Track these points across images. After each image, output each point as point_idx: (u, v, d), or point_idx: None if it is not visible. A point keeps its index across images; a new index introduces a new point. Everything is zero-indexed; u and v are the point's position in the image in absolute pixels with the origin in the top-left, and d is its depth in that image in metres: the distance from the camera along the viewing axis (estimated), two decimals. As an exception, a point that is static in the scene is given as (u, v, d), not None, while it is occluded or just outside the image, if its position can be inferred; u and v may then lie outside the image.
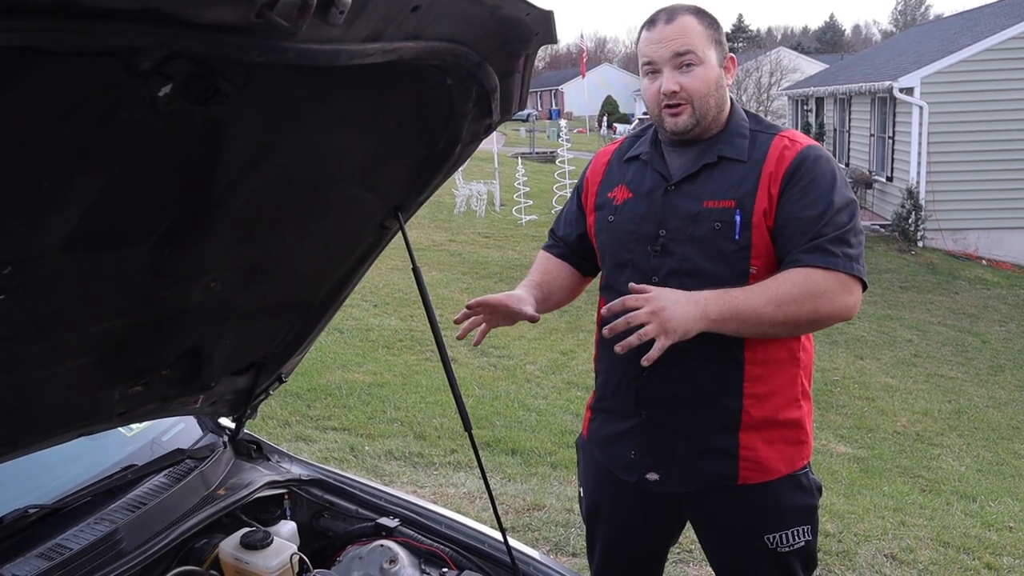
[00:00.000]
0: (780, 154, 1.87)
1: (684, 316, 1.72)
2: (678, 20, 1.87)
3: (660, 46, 1.88)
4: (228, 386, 1.98)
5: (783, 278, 1.80)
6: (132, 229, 1.29)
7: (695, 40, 1.86)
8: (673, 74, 1.87)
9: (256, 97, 1.13)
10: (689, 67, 1.86)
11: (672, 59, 1.86)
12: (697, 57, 1.86)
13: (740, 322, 1.77)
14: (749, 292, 1.78)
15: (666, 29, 1.87)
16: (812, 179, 1.84)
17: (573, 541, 3.70)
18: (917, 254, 13.85)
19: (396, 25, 1.08)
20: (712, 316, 1.75)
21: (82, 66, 0.90)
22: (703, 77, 1.87)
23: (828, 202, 1.82)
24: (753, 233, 1.84)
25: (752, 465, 1.94)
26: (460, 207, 15.30)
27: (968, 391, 7.97)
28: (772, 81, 28.30)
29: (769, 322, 1.78)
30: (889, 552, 3.88)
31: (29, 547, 1.72)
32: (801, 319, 1.80)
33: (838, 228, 1.80)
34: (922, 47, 17.57)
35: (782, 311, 1.77)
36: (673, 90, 1.87)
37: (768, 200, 1.84)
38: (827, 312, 1.81)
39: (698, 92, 1.87)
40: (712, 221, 1.86)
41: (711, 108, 1.90)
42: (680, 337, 1.72)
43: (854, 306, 1.84)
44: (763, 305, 1.76)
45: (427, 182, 1.64)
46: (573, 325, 8.31)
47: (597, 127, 41.47)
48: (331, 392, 5.84)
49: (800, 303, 1.77)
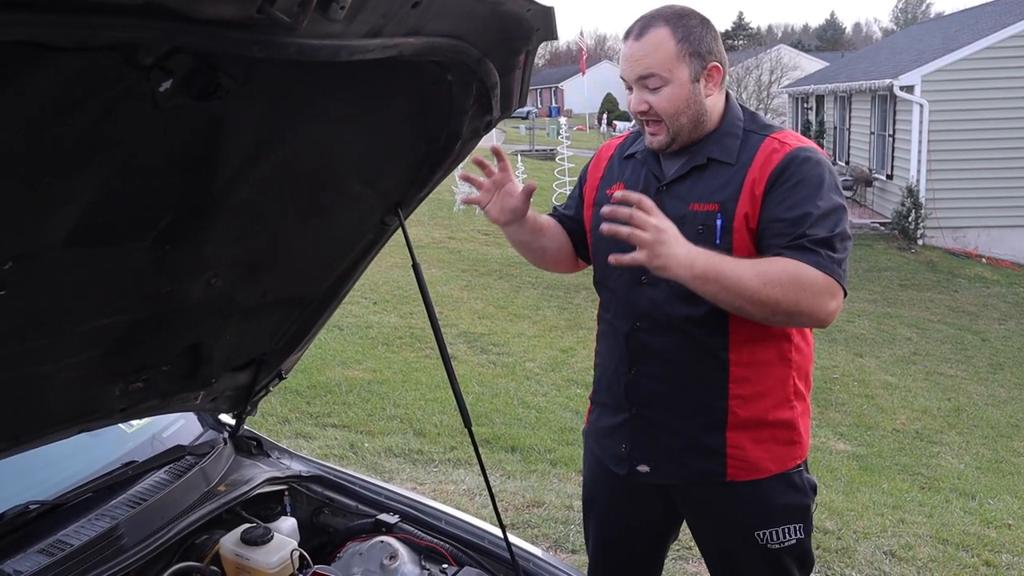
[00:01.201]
0: (767, 157, 1.84)
1: (675, 254, 1.69)
2: (647, 36, 1.83)
3: (627, 65, 1.87)
4: (228, 382, 1.99)
5: (777, 261, 1.76)
6: (133, 225, 1.29)
7: (661, 59, 1.82)
8: (640, 93, 1.86)
9: (257, 92, 1.14)
10: (655, 89, 1.84)
11: (638, 80, 1.85)
12: (661, 79, 1.83)
13: (721, 287, 1.73)
14: (739, 262, 1.76)
15: (634, 46, 1.85)
16: (798, 182, 1.80)
17: (573, 538, 3.71)
18: (917, 252, 13.85)
19: (397, 21, 1.08)
20: (697, 269, 1.71)
21: (84, 61, 0.90)
22: (670, 96, 1.84)
23: (813, 206, 1.78)
24: (734, 237, 1.83)
25: (740, 463, 1.94)
26: (459, 205, 15.29)
27: (967, 389, 7.97)
28: (772, 79, 28.33)
29: (749, 297, 1.73)
30: (888, 549, 3.88)
31: (30, 543, 1.72)
32: (780, 306, 1.75)
33: (823, 230, 1.77)
34: (923, 45, 17.57)
35: (765, 290, 1.72)
36: (640, 109, 1.87)
37: (751, 202, 1.82)
38: (807, 307, 1.76)
39: (666, 111, 1.85)
40: (696, 224, 1.85)
41: (684, 125, 1.87)
42: (657, 269, 1.71)
43: (834, 313, 1.79)
44: (750, 278, 1.72)
45: (427, 178, 1.64)
46: (573, 323, 8.32)
47: (597, 125, 41.45)
48: (331, 389, 5.84)
49: (786, 289, 1.73)
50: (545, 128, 36.97)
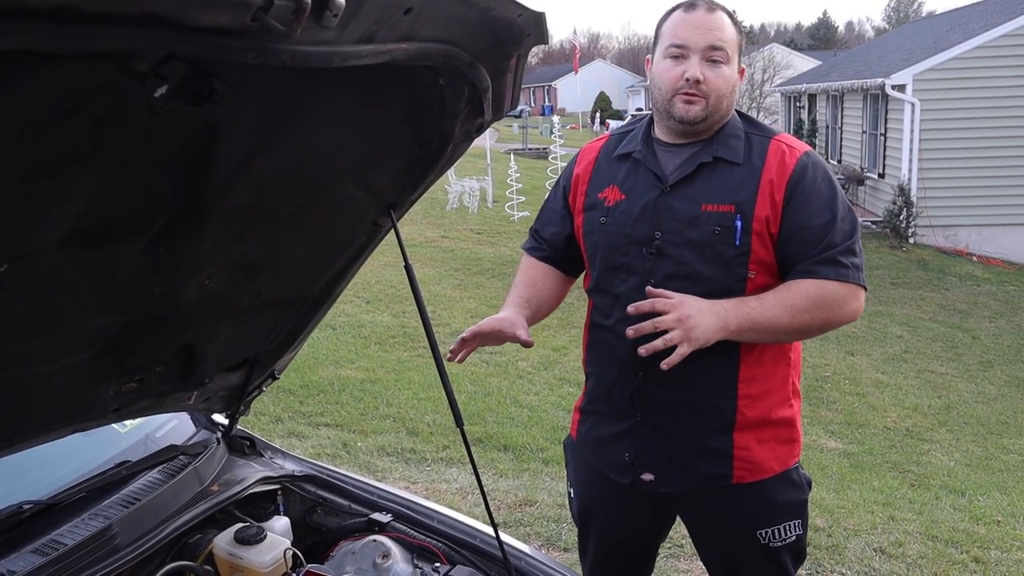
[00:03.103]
0: (781, 160, 1.86)
1: (707, 326, 1.77)
2: (719, 13, 1.87)
3: (698, 32, 1.85)
4: (222, 382, 1.99)
5: (797, 288, 1.83)
6: (128, 227, 1.30)
7: (728, 37, 1.86)
8: (702, 64, 1.85)
9: (251, 98, 1.15)
10: (717, 63, 1.85)
11: (706, 49, 1.84)
12: (727, 55, 1.86)
13: (757, 332, 1.83)
14: (764, 302, 1.81)
15: (707, 17, 1.85)
16: (815, 188, 1.86)
17: (565, 536, 3.72)
18: (908, 250, 13.91)
19: (389, 27, 1.09)
20: (732, 327, 1.80)
21: (80, 68, 0.91)
22: (726, 76, 1.87)
23: (833, 211, 1.85)
24: (753, 239, 1.84)
25: (746, 465, 1.95)
26: (453, 203, 15.29)
27: (958, 387, 8.02)
28: (765, 77, 28.33)
29: (784, 330, 1.84)
30: (878, 546, 3.91)
31: (23, 543, 1.72)
32: (813, 326, 1.86)
33: (845, 238, 1.85)
34: (914, 44, 17.62)
35: (797, 320, 1.82)
36: (698, 79, 1.84)
37: (771, 207, 1.84)
38: (837, 319, 1.87)
39: (718, 90, 1.86)
40: (712, 225, 1.85)
41: (722, 108, 1.89)
42: (701, 345, 1.78)
43: (859, 310, 1.90)
44: (779, 315, 1.81)
45: (420, 181, 1.65)
46: (565, 322, 8.33)
47: (590, 123, 41.49)
48: (323, 388, 5.85)
49: (814, 312, 1.83)
50: (538, 127, 36.95)
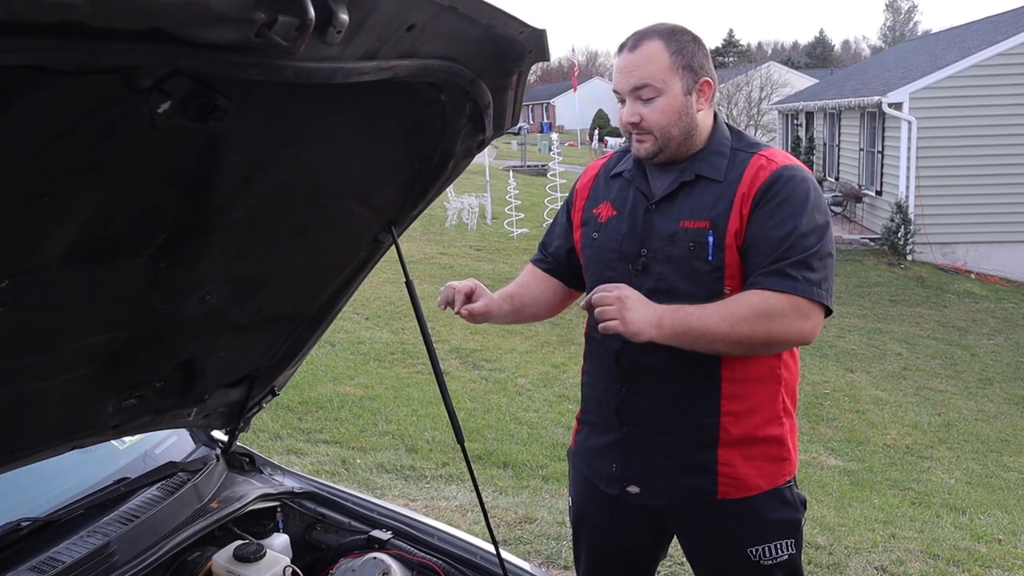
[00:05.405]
0: (755, 174, 1.87)
1: (642, 317, 1.78)
2: (641, 48, 1.86)
3: (621, 76, 1.89)
4: (221, 399, 1.99)
5: (739, 299, 1.82)
6: (129, 242, 1.30)
7: (655, 71, 1.85)
8: (634, 105, 1.88)
9: (253, 113, 1.15)
10: (649, 100, 1.86)
11: (632, 91, 1.88)
12: (655, 89, 1.85)
13: (692, 337, 1.81)
14: (704, 310, 1.81)
15: (628, 58, 1.87)
16: (783, 199, 1.83)
17: (565, 554, 3.70)
18: (906, 268, 13.92)
19: (392, 44, 1.10)
20: (666, 327, 1.79)
21: (83, 83, 0.91)
22: (663, 108, 1.86)
23: (795, 224, 1.81)
24: (726, 254, 1.85)
25: (731, 481, 1.95)
26: (452, 220, 15.32)
27: (957, 404, 8.01)
28: (762, 95, 28.44)
29: (723, 340, 1.81)
30: (879, 565, 3.89)
31: (21, 560, 1.71)
32: (755, 340, 1.81)
33: (802, 251, 1.80)
34: (910, 63, 17.73)
35: (735, 331, 1.79)
36: (632, 121, 1.89)
37: (740, 220, 1.85)
38: (780, 335, 1.82)
39: (657, 123, 1.87)
40: (688, 241, 1.87)
41: (674, 136, 1.89)
42: (631, 335, 1.79)
43: (812, 331, 1.84)
44: (717, 324, 1.79)
45: (420, 196, 1.66)
46: (564, 338, 8.33)
47: (588, 141, 41.59)
48: (323, 405, 5.83)
49: (753, 324, 1.79)
50: (537, 144, 37.07)
